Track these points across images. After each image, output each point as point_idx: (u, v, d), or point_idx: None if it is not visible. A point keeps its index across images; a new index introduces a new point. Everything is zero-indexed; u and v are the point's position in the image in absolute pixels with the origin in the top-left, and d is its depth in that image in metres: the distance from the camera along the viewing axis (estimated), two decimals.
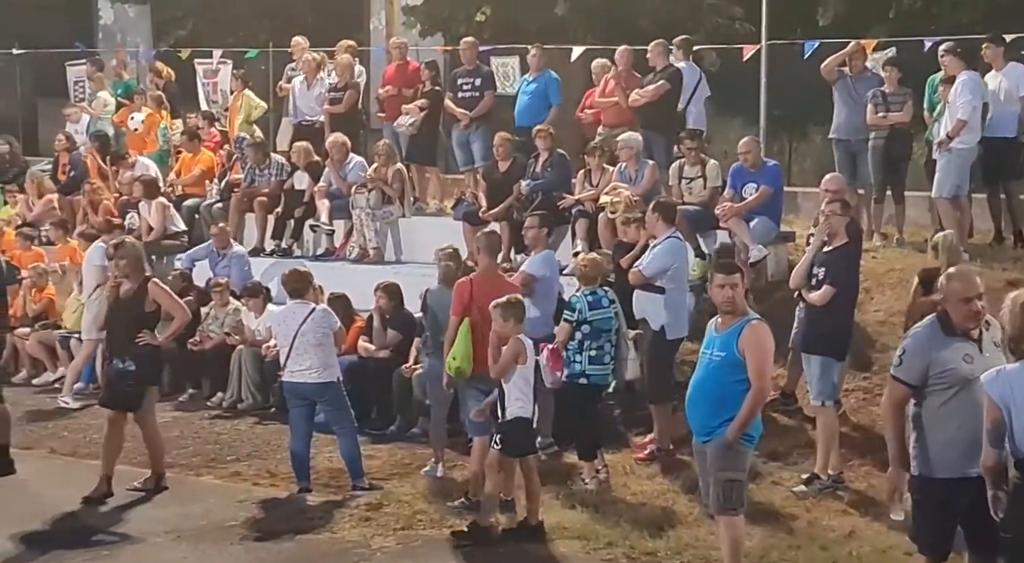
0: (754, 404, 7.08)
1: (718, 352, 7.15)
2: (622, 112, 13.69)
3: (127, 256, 9.41)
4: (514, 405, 8.44)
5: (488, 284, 9.22)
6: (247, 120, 16.41)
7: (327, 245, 14.51)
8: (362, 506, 9.03)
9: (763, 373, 7.12)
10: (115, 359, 9.35)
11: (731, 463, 7.12)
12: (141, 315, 9.38)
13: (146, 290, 9.36)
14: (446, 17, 18.16)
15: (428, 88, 14.80)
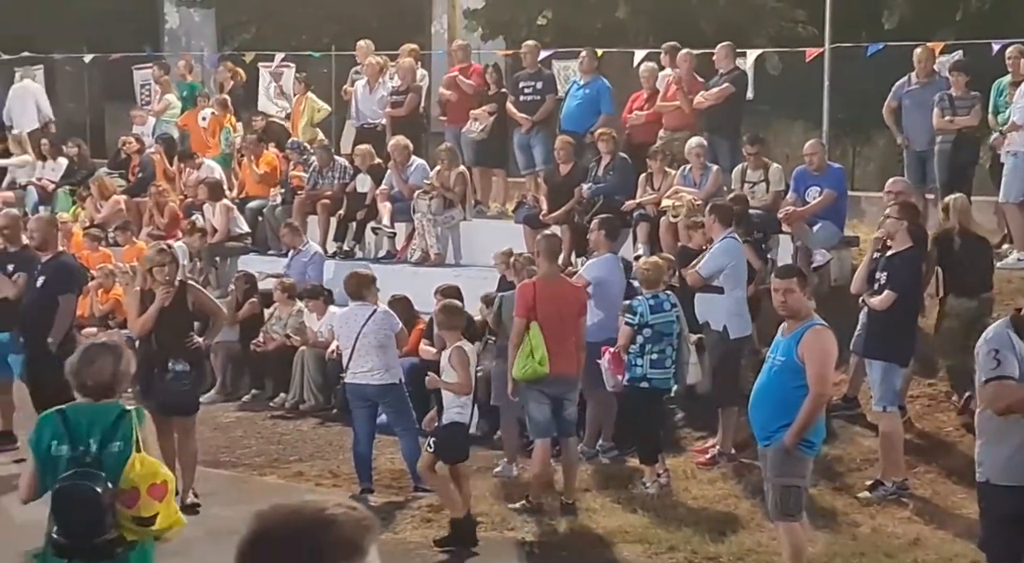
0: (812, 410, 7.02)
1: (780, 356, 7.12)
2: (684, 115, 13.65)
3: (172, 262, 9.26)
4: (451, 410, 8.53)
5: (552, 287, 9.25)
6: (310, 123, 16.54)
7: (388, 248, 14.60)
8: (424, 507, 9.09)
9: (822, 378, 7.07)
10: (169, 362, 9.05)
11: (789, 468, 7.08)
12: (188, 318, 9.34)
13: (186, 293, 9.25)
14: (507, 20, 18.19)
15: (494, 91, 14.84)
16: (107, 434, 5.40)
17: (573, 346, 9.25)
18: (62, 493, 5.32)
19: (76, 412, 5.51)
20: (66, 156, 17.91)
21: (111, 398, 5.54)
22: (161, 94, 18.18)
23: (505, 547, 8.41)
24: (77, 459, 5.37)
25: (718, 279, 10.03)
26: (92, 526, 5.30)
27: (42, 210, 16.51)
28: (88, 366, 5.56)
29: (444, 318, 8.74)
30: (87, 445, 5.38)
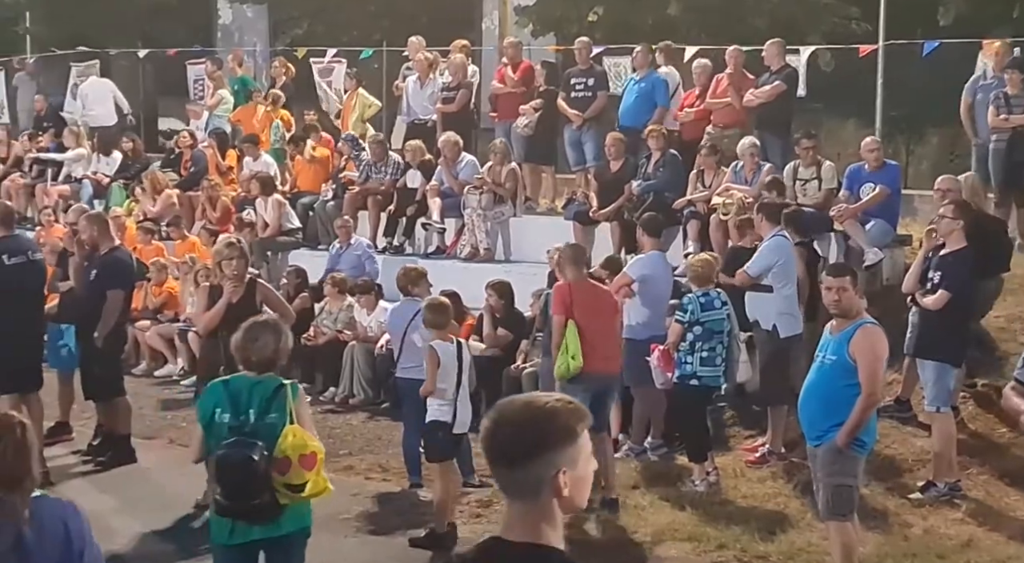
0: (864, 409, 7.00)
1: (830, 355, 7.08)
2: (734, 112, 13.60)
3: (240, 256, 9.03)
4: (432, 408, 8.53)
5: (585, 288, 9.27)
6: (361, 119, 16.63)
7: (438, 243, 14.65)
8: (473, 503, 9.11)
9: (874, 378, 7.04)
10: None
11: (840, 468, 7.05)
12: (255, 315, 9.23)
13: (255, 289, 9.05)
14: (558, 17, 18.19)
15: (543, 88, 14.85)
16: (265, 406, 5.84)
17: (614, 344, 9.26)
18: (222, 458, 5.77)
19: (238, 383, 5.95)
20: (120, 150, 18.11)
21: (272, 372, 5.95)
22: (214, 89, 18.35)
23: None
24: (237, 427, 5.81)
25: (767, 278, 9.99)
26: (247, 489, 5.75)
27: (96, 204, 16.72)
28: (252, 343, 5.98)
29: (429, 316, 8.65)
30: (247, 414, 5.83)
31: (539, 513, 2.81)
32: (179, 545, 8.34)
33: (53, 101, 20.16)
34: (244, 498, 5.78)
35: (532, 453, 2.78)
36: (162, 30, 21.75)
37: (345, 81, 17.34)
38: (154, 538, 8.52)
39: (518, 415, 2.83)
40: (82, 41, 21.05)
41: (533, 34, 18.49)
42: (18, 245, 9.93)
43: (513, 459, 2.79)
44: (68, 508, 4.29)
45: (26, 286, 9.74)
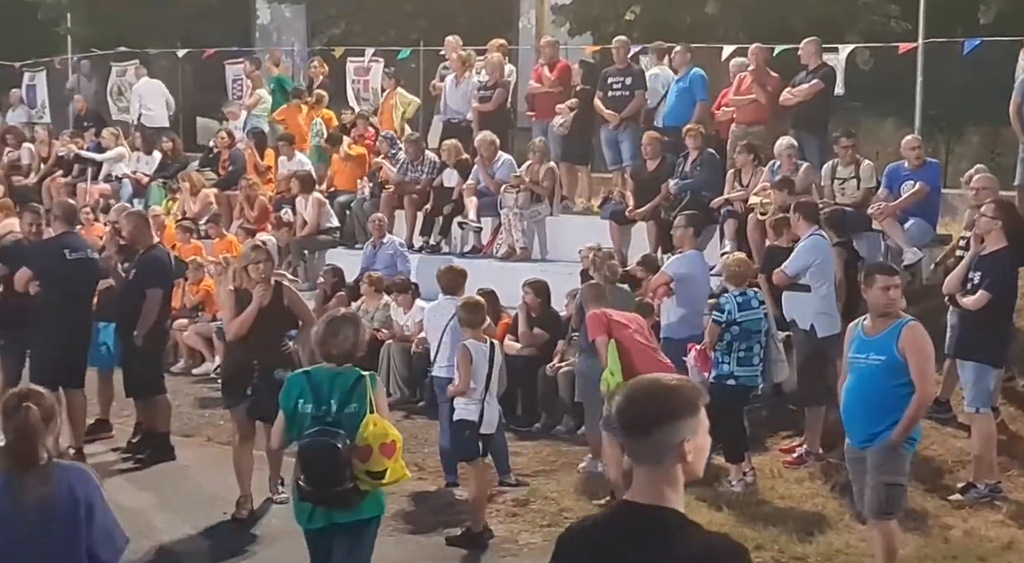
0: (919, 407, 6.99)
1: (876, 356, 7.00)
2: (759, 109, 13.56)
3: (267, 259, 8.91)
4: (458, 407, 8.54)
5: (618, 312, 9.27)
6: (399, 118, 16.67)
7: (474, 242, 14.67)
8: (509, 502, 9.12)
9: (927, 375, 7.03)
10: (276, 370, 8.48)
11: (893, 467, 7.01)
12: (284, 319, 9.00)
13: (282, 293, 8.95)
14: (595, 16, 18.15)
15: (580, 87, 14.83)
16: (346, 396, 6.06)
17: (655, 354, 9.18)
18: (307, 446, 6.01)
19: (320, 375, 6.17)
20: (160, 150, 18.25)
21: (351, 364, 6.17)
22: (252, 89, 18.46)
23: None
24: (320, 417, 6.03)
25: (804, 277, 9.94)
26: (331, 476, 5.96)
27: (136, 203, 16.86)
28: (333, 337, 6.20)
29: (463, 314, 8.68)
30: (328, 405, 6.05)
31: (664, 477, 3.18)
32: (217, 541, 8.40)
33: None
34: (328, 485, 5.98)
35: (661, 422, 3.16)
36: (201, 30, 21.88)
37: (383, 80, 17.39)
38: (193, 534, 8.58)
39: (648, 390, 3.24)
40: (122, 41, 21.23)
41: (570, 33, 18.47)
42: (78, 242, 10.13)
43: (645, 428, 3.17)
44: (76, 473, 4.59)
45: (83, 283, 9.91)
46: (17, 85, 22.08)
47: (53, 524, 4.45)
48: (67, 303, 9.82)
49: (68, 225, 10.15)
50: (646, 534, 3.17)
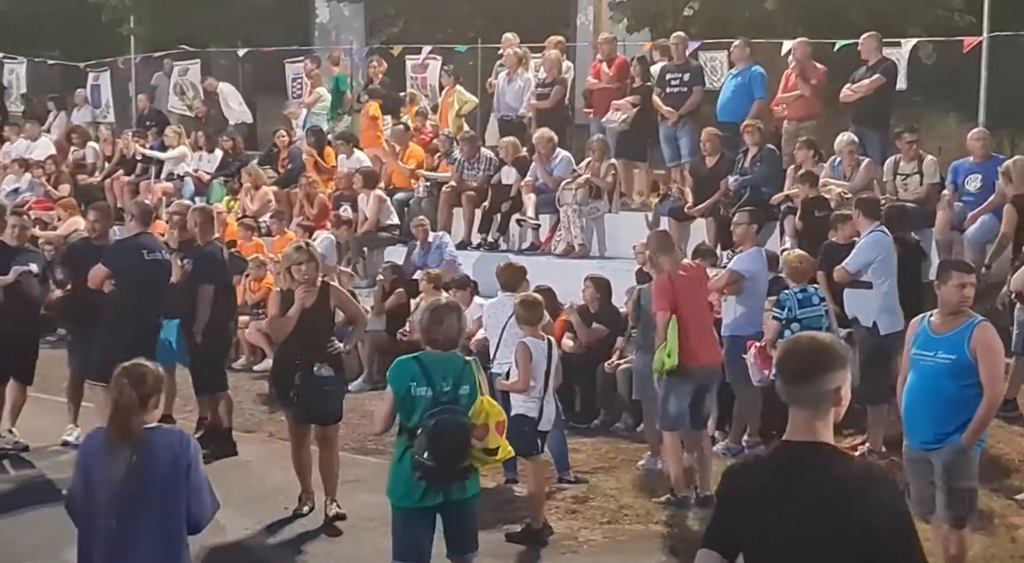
0: (990, 408, 6.85)
1: (945, 354, 6.85)
2: (807, 104, 13.46)
3: (310, 260, 8.72)
4: (516, 403, 8.54)
5: (684, 276, 9.18)
6: (458, 115, 16.71)
7: (533, 239, 14.68)
8: (568, 499, 9.11)
9: (998, 376, 6.90)
10: (315, 366, 8.51)
11: (965, 470, 6.89)
12: (330, 321, 8.94)
13: (328, 294, 8.81)
14: (653, 12, 18.07)
15: (638, 84, 14.80)
16: (457, 379, 6.41)
17: (714, 334, 9.24)
18: (439, 425, 6.27)
19: (429, 360, 6.47)
20: (221, 148, 18.43)
21: (455, 350, 6.56)
22: (312, 87, 18.59)
23: (650, 541, 8.38)
24: (436, 398, 6.34)
25: (866, 274, 9.85)
26: (460, 453, 6.34)
27: (198, 200, 17.03)
28: (439, 324, 6.54)
29: (522, 312, 8.71)
30: (442, 387, 6.36)
31: (820, 419, 3.73)
32: (279, 536, 8.46)
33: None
34: (455, 461, 6.32)
35: (820, 372, 3.73)
36: (261, 30, 22.05)
37: (442, 78, 17.44)
38: (254, 529, 8.64)
39: (808, 346, 3.82)
40: (184, 41, 21.45)
41: (628, 29, 18.41)
42: (154, 243, 10.26)
43: (805, 377, 3.73)
44: (176, 436, 5.19)
45: (157, 284, 10.03)
46: (82, 85, 22.36)
47: (148, 486, 4.98)
48: (140, 303, 9.91)
49: (144, 225, 10.27)
50: (810, 462, 3.70)
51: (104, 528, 5.02)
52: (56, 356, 11.85)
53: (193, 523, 5.16)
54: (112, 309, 10.04)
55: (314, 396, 8.53)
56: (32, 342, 10.42)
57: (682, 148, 14.34)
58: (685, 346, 8.87)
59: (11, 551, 7.89)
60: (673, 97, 14.32)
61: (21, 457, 10.13)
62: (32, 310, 10.37)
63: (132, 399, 5.06)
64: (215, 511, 5.26)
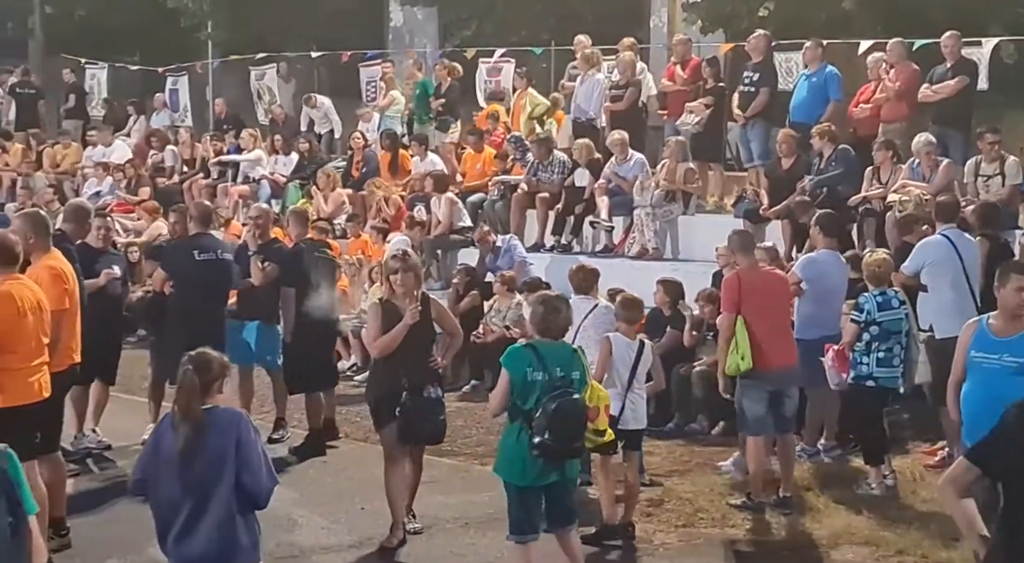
0: None
1: (1011, 357, 6.70)
2: (899, 106, 13.29)
3: (408, 270, 8.25)
4: None
5: (756, 277, 9.15)
6: (530, 117, 16.72)
7: (606, 242, 14.66)
8: (643, 502, 9.06)
9: None
10: (426, 389, 8.10)
11: None
12: (431, 336, 8.40)
13: (429, 307, 8.30)
14: (728, 13, 17.94)
15: (711, 85, 14.73)
16: (567, 365, 6.88)
17: (789, 337, 9.12)
18: (561, 406, 6.73)
19: (543, 347, 6.91)
20: (297, 151, 18.62)
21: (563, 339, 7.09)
22: (386, 90, 18.71)
23: (726, 545, 8.34)
24: (552, 383, 6.78)
25: (923, 277, 9.74)
26: (579, 433, 6.87)
27: (274, 203, 17.23)
28: (555, 314, 7.02)
29: (621, 311, 8.78)
30: (556, 372, 6.79)
31: None
32: (357, 535, 8.50)
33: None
34: (572, 441, 6.81)
35: None
36: (336, 34, 22.25)
37: (515, 80, 17.47)
38: (331, 528, 8.71)
39: None
40: (261, 46, 21.70)
41: (702, 31, 18.32)
42: (210, 243, 10.37)
43: None
44: (231, 415, 5.55)
45: (212, 283, 10.15)
46: (161, 90, 22.71)
47: (203, 462, 5.38)
48: (195, 303, 10.01)
49: (203, 226, 10.41)
50: None
51: (169, 499, 5.44)
52: (136, 357, 12.07)
53: (250, 496, 5.49)
54: (172, 310, 10.22)
55: (424, 418, 8.13)
56: (115, 343, 10.60)
57: (754, 149, 14.24)
58: (754, 349, 8.83)
59: (94, 547, 8.03)
60: (744, 97, 14.23)
61: (104, 456, 10.31)
62: (115, 312, 10.55)
63: (194, 383, 5.45)
64: (272, 487, 5.54)
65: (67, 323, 7.75)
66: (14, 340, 7.01)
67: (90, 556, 7.86)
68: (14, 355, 7.03)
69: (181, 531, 5.42)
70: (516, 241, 14.46)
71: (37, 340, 7.20)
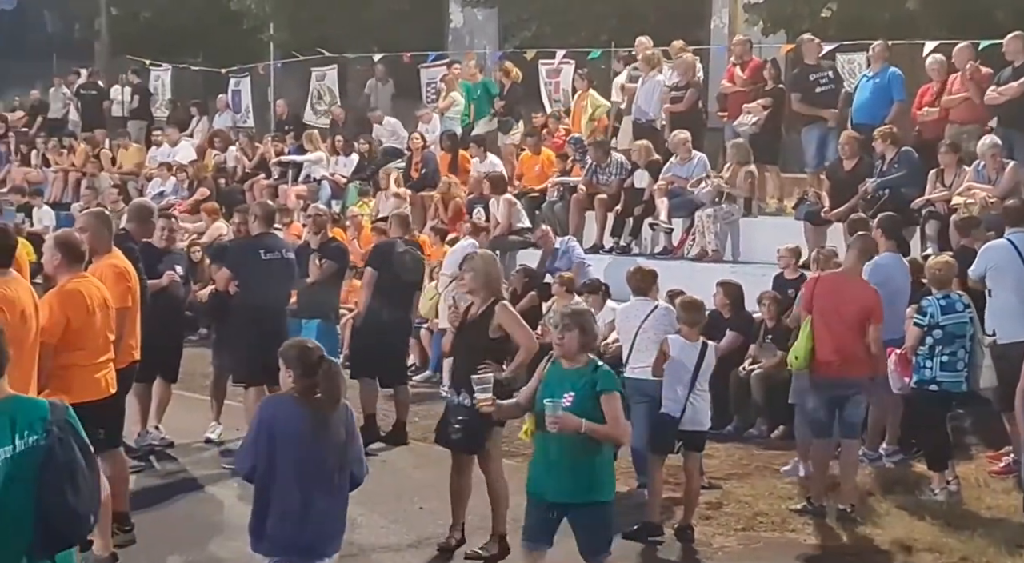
0: None
1: None
2: (973, 109, 13.11)
3: (474, 269, 8.14)
4: (664, 402, 8.60)
5: (834, 283, 9.09)
6: (591, 119, 16.71)
7: (665, 243, 14.60)
8: (702, 505, 9.02)
9: None
10: (460, 391, 7.93)
11: None
12: (485, 342, 8.03)
13: (493, 312, 8.00)
14: (789, 14, 17.84)
15: (771, 86, 14.63)
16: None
17: (856, 347, 8.94)
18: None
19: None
20: (357, 152, 18.74)
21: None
22: (446, 92, 18.77)
23: (786, 549, 8.28)
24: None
25: (987, 281, 9.66)
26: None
27: (334, 204, 17.35)
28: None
29: (682, 313, 8.79)
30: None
31: None
32: (417, 535, 8.54)
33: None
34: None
35: None
36: (396, 35, 22.36)
37: (576, 81, 17.45)
38: (390, 528, 8.75)
39: None
40: (322, 47, 21.87)
41: (763, 32, 18.21)
42: (274, 242, 10.46)
43: None
44: (346, 409, 5.81)
45: (278, 281, 10.24)
46: (223, 91, 22.95)
47: (338, 450, 5.66)
48: (260, 302, 10.09)
49: (267, 226, 10.51)
50: None
51: (284, 484, 5.57)
52: (198, 355, 12.20)
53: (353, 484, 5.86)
54: (237, 310, 10.30)
55: (445, 422, 8.20)
56: (177, 342, 10.72)
57: (829, 151, 14.09)
58: (814, 353, 8.87)
59: (157, 544, 8.11)
60: (825, 96, 14.10)
61: (167, 453, 10.42)
62: (177, 311, 10.67)
63: (340, 370, 5.75)
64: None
65: (129, 321, 7.85)
66: (83, 337, 7.12)
67: (153, 551, 7.95)
68: (83, 352, 7.14)
69: (291, 515, 5.57)
70: (574, 242, 14.46)
71: (104, 337, 7.32)
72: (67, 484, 4.41)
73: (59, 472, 4.41)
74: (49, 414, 4.50)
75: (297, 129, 20.17)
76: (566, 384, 6.42)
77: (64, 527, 4.46)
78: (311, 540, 5.63)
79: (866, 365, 8.97)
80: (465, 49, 21.69)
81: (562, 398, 6.32)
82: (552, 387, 6.43)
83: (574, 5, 21.21)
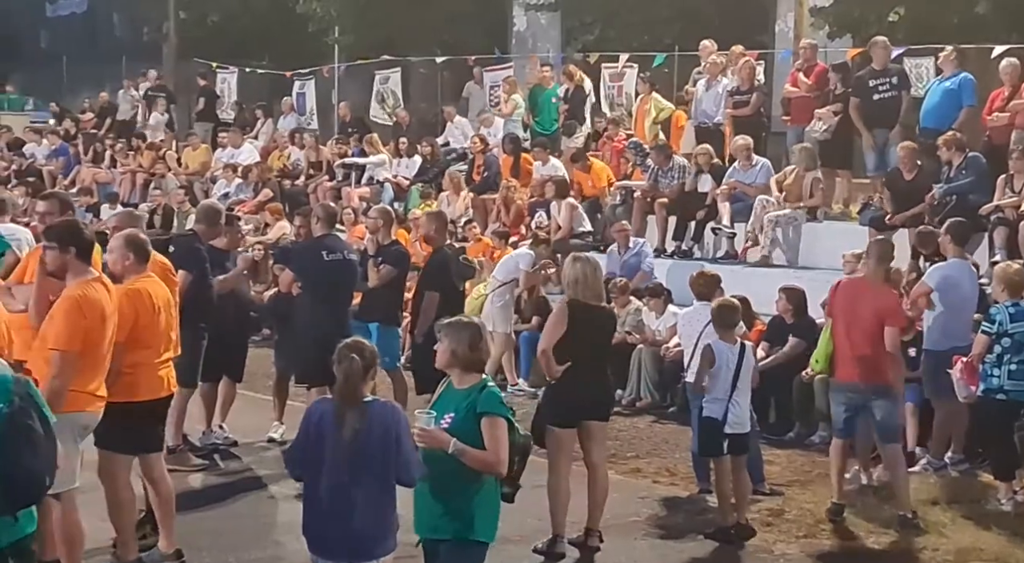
0: None
1: None
2: None
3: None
4: (706, 406, 8.53)
5: (854, 288, 9.01)
6: (654, 122, 16.66)
7: (727, 248, 14.50)
8: (763, 511, 8.97)
9: None
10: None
11: None
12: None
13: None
14: (856, 17, 17.68)
15: (839, 91, 14.50)
16: None
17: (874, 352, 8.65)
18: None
19: None
20: (420, 154, 18.82)
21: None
22: (509, 95, 18.79)
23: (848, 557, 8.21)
24: None
25: None
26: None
27: (396, 205, 17.42)
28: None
29: (716, 315, 8.74)
30: None
31: None
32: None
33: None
34: None
35: None
36: (459, 38, 22.45)
37: (638, 85, 17.41)
38: None
39: None
40: (386, 49, 22.00)
41: (829, 36, 18.05)
42: (336, 243, 10.52)
43: None
44: (389, 410, 5.62)
45: (339, 283, 10.29)
46: (288, 93, 23.14)
47: (367, 449, 5.45)
48: (323, 303, 10.12)
49: (329, 227, 10.58)
50: None
51: (328, 484, 5.48)
52: (261, 355, 12.31)
53: (403, 484, 5.58)
54: (300, 311, 10.35)
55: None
56: (242, 341, 10.82)
57: (891, 157, 13.91)
58: (833, 357, 8.92)
59: (220, 541, 8.19)
60: (885, 102, 13.95)
61: (230, 452, 10.52)
62: (242, 311, 10.77)
63: (359, 368, 5.51)
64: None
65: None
66: (149, 336, 7.20)
67: (215, 549, 8.02)
68: (149, 350, 7.22)
69: (324, 515, 5.50)
70: (648, 247, 14.41)
71: (167, 336, 7.40)
72: (25, 446, 4.86)
73: (18, 435, 4.85)
74: (13, 386, 4.94)
75: (360, 131, 20.29)
76: (450, 405, 5.72)
77: (23, 485, 4.90)
78: (348, 540, 5.51)
79: (886, 370, 8.79)
80: (528, 52, 21.71)
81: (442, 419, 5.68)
82: (440, 408, 5.76)
83: (638, 8, 21.16)
